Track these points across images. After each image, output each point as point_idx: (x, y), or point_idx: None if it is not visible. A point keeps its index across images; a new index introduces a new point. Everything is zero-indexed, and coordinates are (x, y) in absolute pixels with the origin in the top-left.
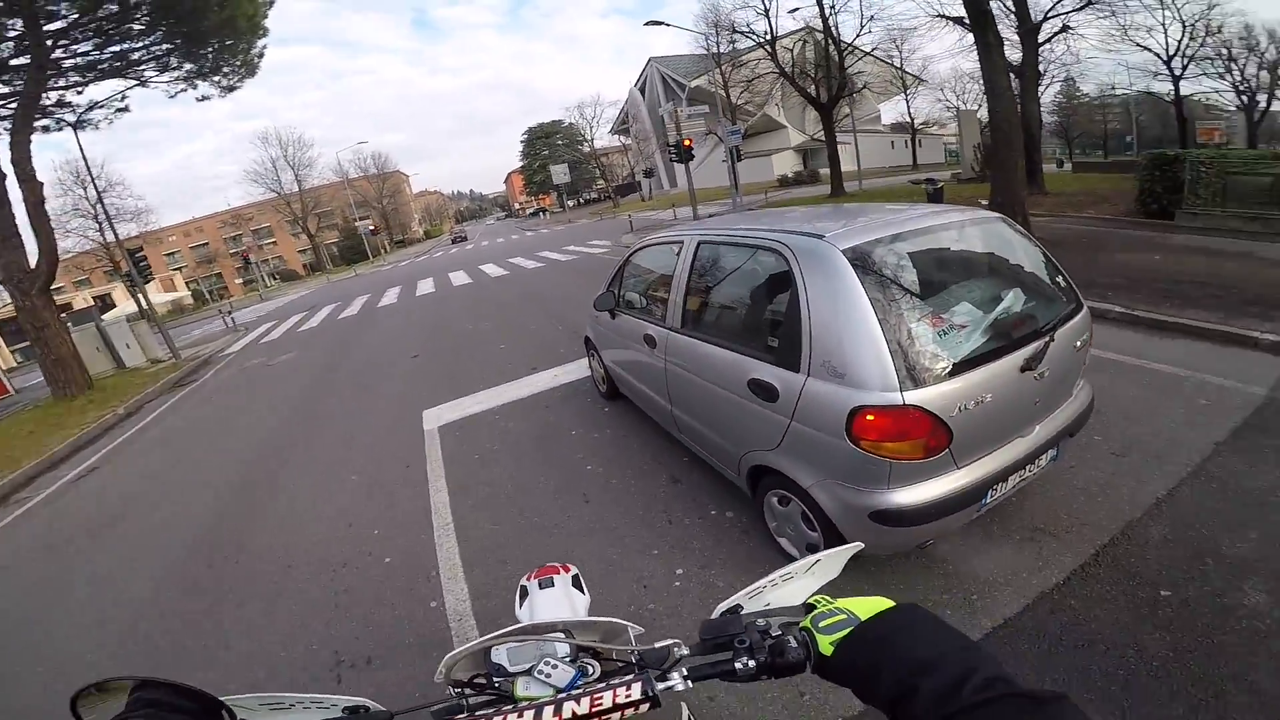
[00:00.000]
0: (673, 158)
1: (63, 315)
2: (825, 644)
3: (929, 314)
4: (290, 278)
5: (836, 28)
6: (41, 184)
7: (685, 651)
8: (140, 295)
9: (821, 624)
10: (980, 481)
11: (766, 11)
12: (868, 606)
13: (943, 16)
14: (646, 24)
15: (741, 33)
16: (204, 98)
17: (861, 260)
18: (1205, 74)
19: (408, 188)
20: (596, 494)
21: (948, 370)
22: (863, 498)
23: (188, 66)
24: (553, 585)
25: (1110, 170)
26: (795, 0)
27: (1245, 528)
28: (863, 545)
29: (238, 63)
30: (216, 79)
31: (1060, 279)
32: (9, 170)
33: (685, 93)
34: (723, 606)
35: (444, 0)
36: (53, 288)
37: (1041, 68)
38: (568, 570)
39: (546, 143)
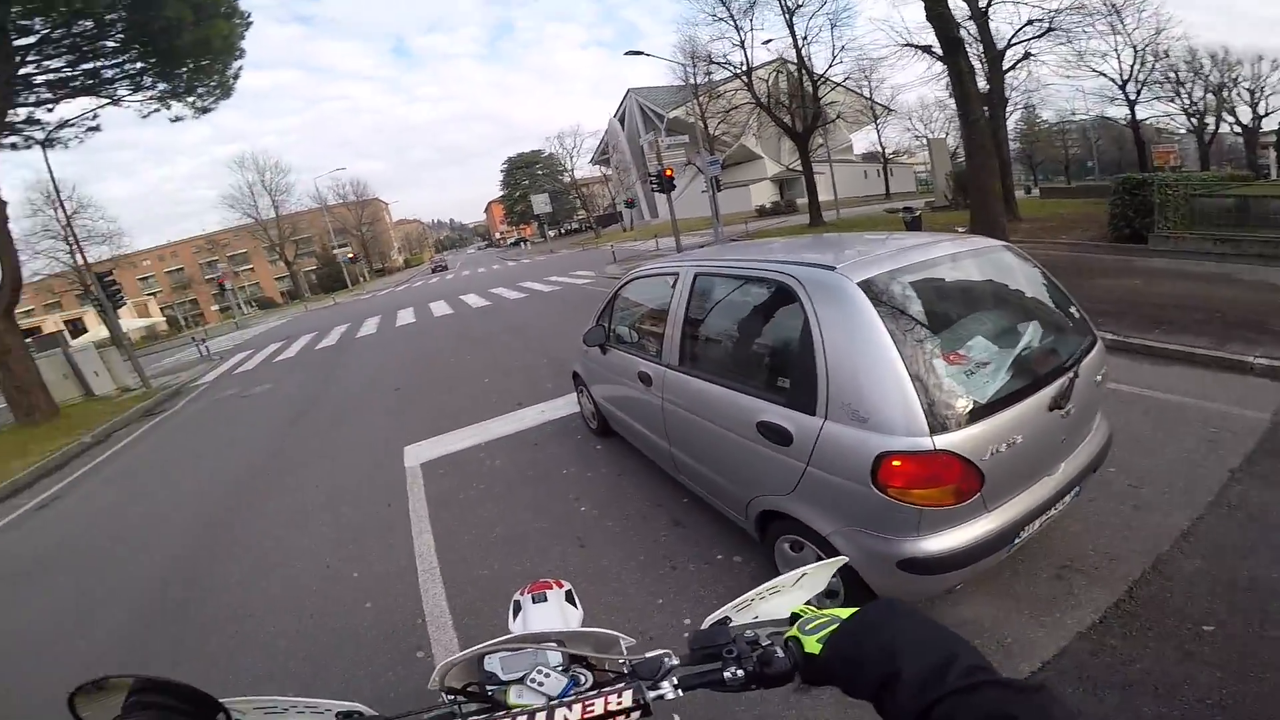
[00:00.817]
0: (654, 187)
1: (30, 340)
2: (812, 643)
3: (948, 351)
4: (267, 305)
5: (809, 59)
6: (5, 203)
7: (675, 662)
8: (110, 321)
9: (807, 627)
10: (1011, 524)
11: (742, 43)
12: (850, 611)
13: (911, 45)
14: (626, 54)
15: (718, 64)
16: (178, 118)
17: (877, 294)
18: (1157, 98)
19: (387, 215)
20: (592, 538)
21: (976, 411)
22: (890, 546)
23: (161, 86)
24: (546, 600)
25: (1075, 195)
26: (769, 32)
27: (1277, 558)
28: (847, 559)
29: (213, 83)
30: (191, 99)
31: (1074, 310)
32: None
33: (664, 123)
34: (712, 618)
35: (422, 29)
36: (21, 310)
37: (1006, 94)
38: (561, 585)
39: (527, 172)
